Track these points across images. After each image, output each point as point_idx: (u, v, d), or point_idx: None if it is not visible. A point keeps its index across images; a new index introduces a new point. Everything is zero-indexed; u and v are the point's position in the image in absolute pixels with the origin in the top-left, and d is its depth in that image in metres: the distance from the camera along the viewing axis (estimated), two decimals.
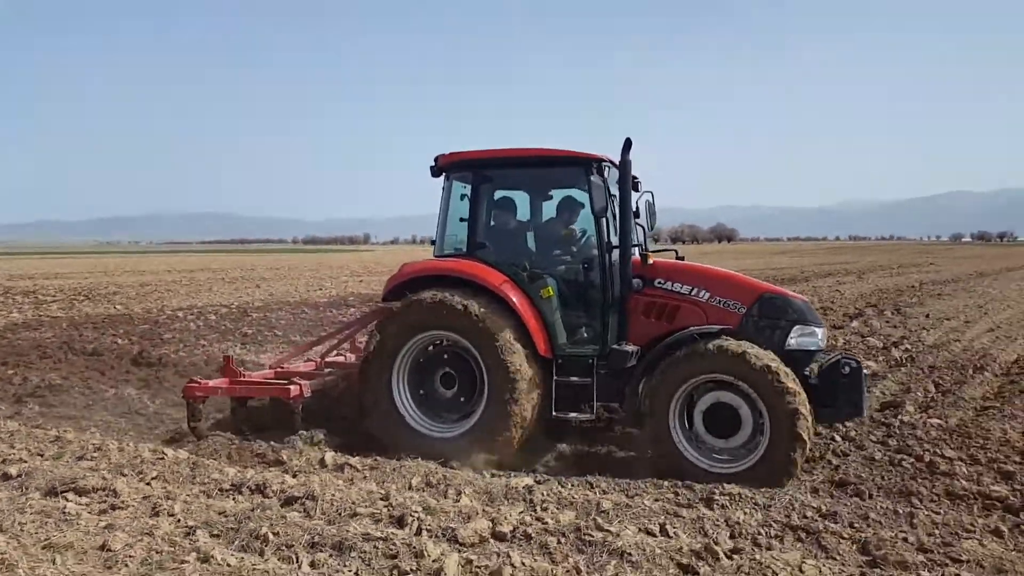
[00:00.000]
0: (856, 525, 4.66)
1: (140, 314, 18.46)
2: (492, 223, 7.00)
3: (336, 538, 4.40)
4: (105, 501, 5.19)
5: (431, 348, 6.67)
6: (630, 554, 4.13)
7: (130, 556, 4.29)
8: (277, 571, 4.08)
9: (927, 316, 17.19)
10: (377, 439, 6.64)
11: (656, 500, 5.17)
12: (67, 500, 5.23)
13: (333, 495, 5.14)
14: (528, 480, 5.55)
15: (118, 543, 4.42)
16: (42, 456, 6.32)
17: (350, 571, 4.08)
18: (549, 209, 7.29)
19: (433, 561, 4.06)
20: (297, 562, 4.21)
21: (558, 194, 7.19)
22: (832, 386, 6.02)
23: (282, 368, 7.68)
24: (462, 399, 6.53)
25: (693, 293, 6.36)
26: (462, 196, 6.97)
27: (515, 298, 6.33)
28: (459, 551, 4.22)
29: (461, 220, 6.89)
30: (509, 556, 4.14)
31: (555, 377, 6.41)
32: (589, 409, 6.38)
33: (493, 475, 5.75)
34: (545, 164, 6.78)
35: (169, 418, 7.93)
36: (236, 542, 4.47)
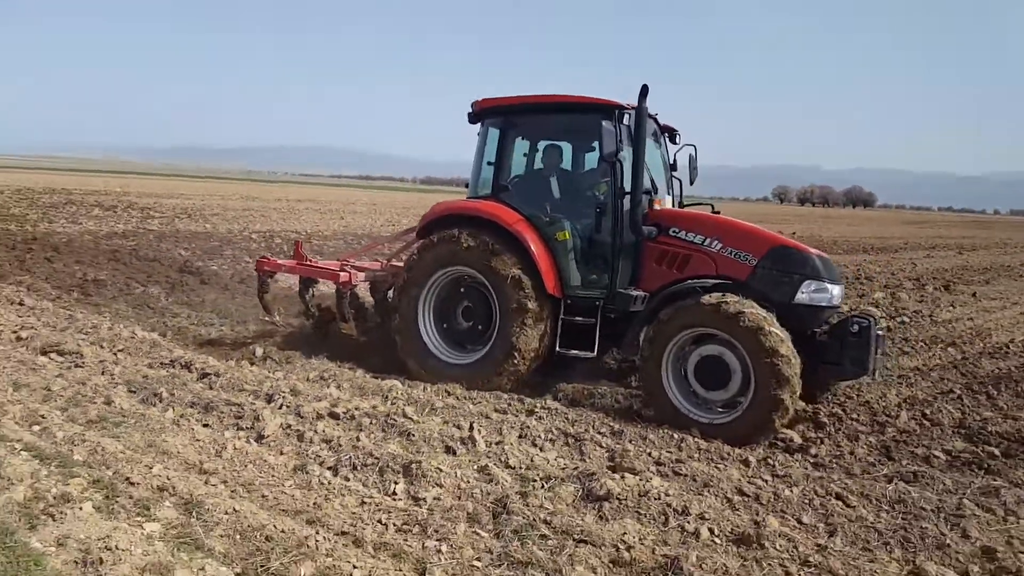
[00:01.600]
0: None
1: (222, 233, 20.61)
2: (516, 167, 7.24)
3: (208, 401, 5.61)
4: (73, 362, 6.65)
5: (459, 284, 7.05)
6: (411, 434, 5.10)
7: (61, 395, 5.68)
8: (147, 414, 5.34)
9: (974, 295, 16.56)
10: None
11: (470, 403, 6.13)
12: (49, 358, 6.73)
13: (234, 375, 6.36)
14: (395, 381, 6.57)
15: (57, 386, 5.83)
16: (53, 328, 7.94)
17: (202, 423, 5.27)
18: (572, 155, 7.48)
19: (259, 421, 5.18)
20: (172, 411, 5.44)
21: (543, 143, 7.37)
22: (839, 344, 5.97)
23: (346, 261, 8.51)
24: (478, 330, 6.95)
25: (706, 243, 6.33)
26: (488, 140, 7.24)
27: (528, 238, 6.56)
28: (284, 419, 5.32)
29: (488, 164, 7.17)
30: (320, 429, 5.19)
31: (562, 316, 6.64)
32: (591, 348, 6.50)
33: (374, 375, 6.81)
34: (566, 110, 6.99)
35: (170, 312, 9.46)
36: (139, 395, 5.78)
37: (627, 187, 6.40)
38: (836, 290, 6.17)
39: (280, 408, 5.58)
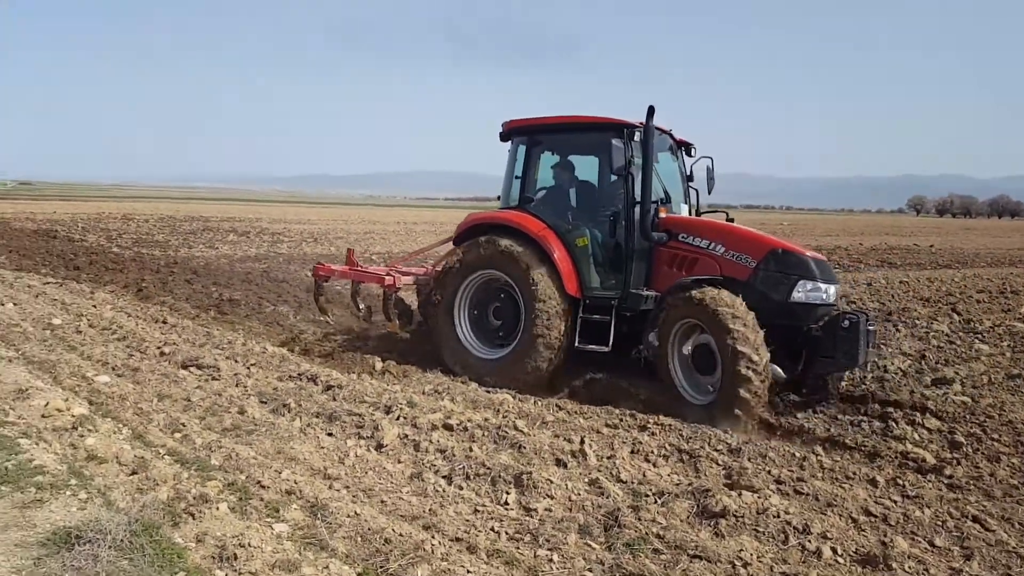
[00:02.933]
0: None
1: (345, 255, 21.61)
2: (540, 180, 7.96)
3: (332, 412, 5.90)
4: (211, 375, 7.17)
5: (489, 286, 7.73)
6: (522, 446, 5.16)
7: (200, 405, 6.13)
8: (277, 423, 5.67)
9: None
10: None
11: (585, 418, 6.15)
12: (188, 371, 7.29)
13: (356, 388, 6.65)
14: (506, 395, 6.67)
15: (196, 397, 6.30)
16: (193, 344, 8.59)
17: (326, 432, 5.55)
18: (591, 168, 8.08)
19: (379, 431, 5.40)
20: (299, 421, 5.77)
21: (548, 159, 8.00)
22: (832, 338, 6.41)
23: (393, 267, 9.51)
24: (507, 328, 7.62)
25: (710, 247, 6.87)
26: (517, 157, 8.00)
27: (551, 244, 7.22)
28: (402, 429, 5.51)
29: (516, 178, 7.95)
30: (436, 440, 5.34)
31: (580, 315, 7.26)
32: (606, 343, 7.09)
33: (486, 389, 6.93)
34: (583, 129, 7.71)
35: (297, 328, 9.99)
36: (269, 405, 6.16)
37: (638, 197, 7.04)
38: (831, 289, 6.63)
39: (398, 419, 5.78)
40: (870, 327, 6.67)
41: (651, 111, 6.87)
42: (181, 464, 4.64)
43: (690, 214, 7.90)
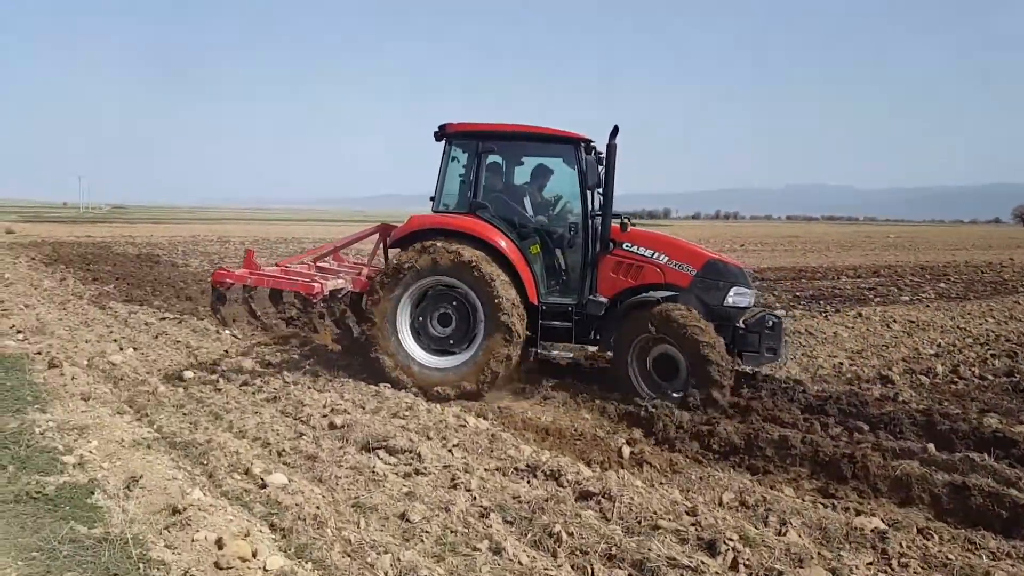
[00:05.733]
0: None
1: None
2: (490, 186, 7.83)
3: (636, 555, 3.82)
4: (410, 464, 5.25)
5: (428, 293, 7.50)
6: None
7: (426, 531, 4.17)
8: (546, 570, 3.63)
9: None
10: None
11: None
12: (378, 458, 5.38)
13: (632, 498, 4.57)
14: (876, 521, 4.43)
15: (417, 514, 4.33)
16: (363, 409, 6.72)
17: None
18: (554, 178, 8.16)
19: None
20: (589, 569, 3.73)
21: (531, 161, 8.13)
22: (756, 335, 7.14)
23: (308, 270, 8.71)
24: (456, 337, 7.46)
25: (654, 256, 7.42)
26: (456, 159, 7.92)
27: (510, 252, 7.34)
28: None
29: (462, 182, 7.86)
30: None
31: (540, 321, 7.43)
32: (568, 349, 7.69)
33: (825, 506, 4.73)
34: (541, 140, 7.82)
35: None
36: (529, 535, 4.14)
37: (598, 209, 7.48)
38: (751, 293, 7.49)
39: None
40: (785, 325, 7.80)
41: (615, 130, 7.17)
42: None
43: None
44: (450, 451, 5.58)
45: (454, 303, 7.45)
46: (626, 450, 5.63)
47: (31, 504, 4.13)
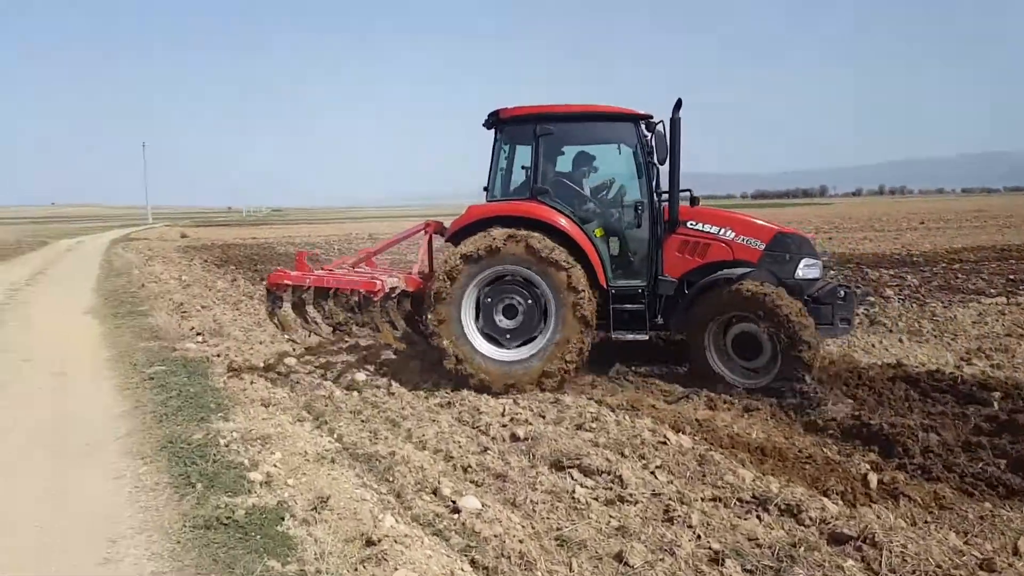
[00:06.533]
0: None
1: None
2: (549, 170, 7.55)
3: None
4: (611, 488, 4.61)
5: (494, 283, 7.13)
6: None
7: None
8: None
9: None
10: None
11: None
12: (572, 479, 4.80)
13: (904, 546, 3.67)
14: None
15: (636, 557, 3.68)
16: (543, 418, 6.17)
17: None
18: (601, 160, 7.84)
19: None
20: None
21: (571, 150, 7.80)
22: (829, 307, 7.02)
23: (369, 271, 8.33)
24: (524, 328, 7.11)
25: (721, 233, 7.22)
26: (509, 146, 7.66)
27: (577, 236, 7.10)
28: None
29: (523, 168, 7.55)
30: None
31: (612, 304, 7.26)
32: (642, 331, 7.31)
33: None
34: (600, 119, 7.55)
35: (678, 391, 7.14)
36: None
37: (664, 187, 7.28)
38: (820, 265, 7.40)
39: None
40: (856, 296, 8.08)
41: (678, 103, 6.95)
42: None
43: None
44: (653, 473, 4.88)
45: (522, 293, 7.10)
46: (872, 478, 4.66)
47: (221, 531, 3.86)
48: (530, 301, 7.10)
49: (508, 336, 7.17)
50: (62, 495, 4.60)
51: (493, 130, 7.64)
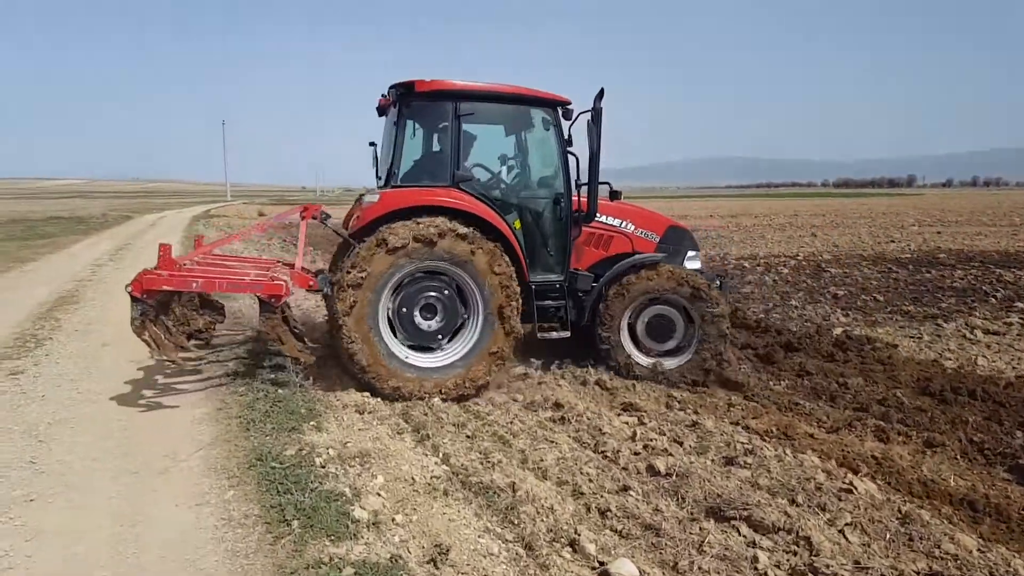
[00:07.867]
0: None
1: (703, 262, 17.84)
2: (467, 156, 6.93)
3: None
4: (796, 553, 3.67)
5: (408, 280, 6.41)
6: None
7: None
8: None
9: None
10: None
11: None
12: (741, 535, 3.87)
13: None
14: None
15: None
16: (682, 447, 5.24)
17: None
18: (518, 147, 7.38)
19: None
20: None
21: (486, 134, 7.24)
22: None
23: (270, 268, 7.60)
24: (444, 330, 6.51)
25: (622, 226, 7.39)
26: (419, 125, 7.10)
27: (505, 229, 6.55)
28: None
29: (435, 151, 7.00)
30: None
31: (536, 302, 6.85)
32: (565, 328, 6.96)
33: None
34: (522, 102, 6.93)
35: (835, 416, 6.10)
36: None
37: (583, 179, 6.94)
38: (699, 256, 7.78)
39: None
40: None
41: (601, 93, 6.61)
42: None
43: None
44: (842, 533, 3.92)
45: (441, 290, 6.46)
46: None
47: None
48: (449, 300, 6.47)
49: (430, 338, 6.50)
50: (132, 523, 3.89)
51: (395, 106, 6.72)
